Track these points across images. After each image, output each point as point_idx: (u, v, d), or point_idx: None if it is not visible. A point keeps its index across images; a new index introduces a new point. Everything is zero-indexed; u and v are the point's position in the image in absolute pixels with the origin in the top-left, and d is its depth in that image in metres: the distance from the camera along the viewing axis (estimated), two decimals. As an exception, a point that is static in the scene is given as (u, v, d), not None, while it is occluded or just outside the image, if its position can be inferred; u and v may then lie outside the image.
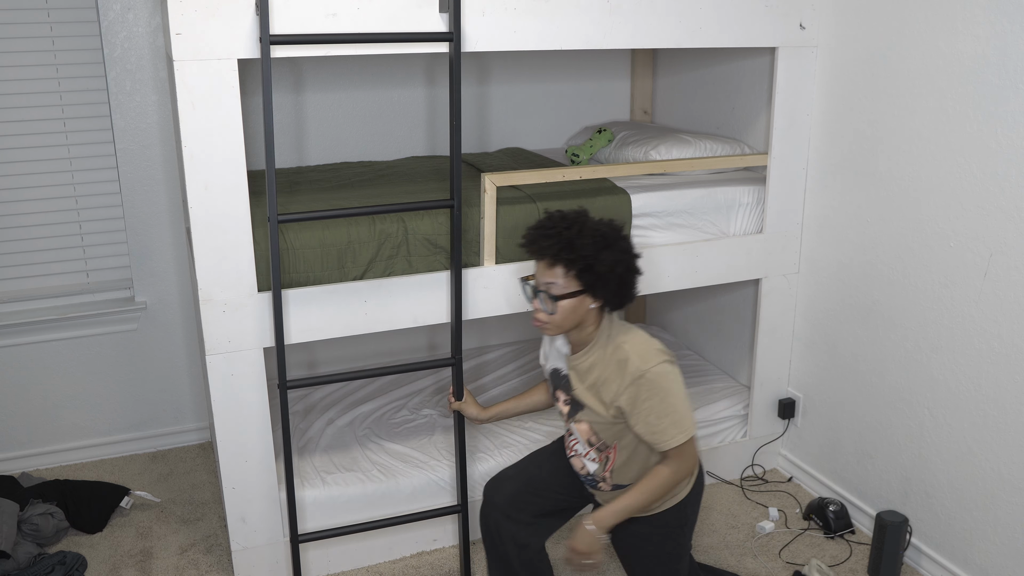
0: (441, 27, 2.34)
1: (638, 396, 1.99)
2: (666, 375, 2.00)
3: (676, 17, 2.62)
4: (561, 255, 1.99)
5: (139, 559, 2.81)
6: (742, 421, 3.27)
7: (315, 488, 2.72)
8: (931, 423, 2.64)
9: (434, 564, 2.79)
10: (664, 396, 1.99)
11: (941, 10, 2.46)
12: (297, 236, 2.42)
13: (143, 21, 3.14)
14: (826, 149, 2.94)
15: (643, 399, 1.99)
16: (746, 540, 2.90)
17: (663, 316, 4.04)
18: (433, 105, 3.63)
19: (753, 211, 3.02)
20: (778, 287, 3.12)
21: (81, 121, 3.18)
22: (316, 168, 3.24)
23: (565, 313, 2.03)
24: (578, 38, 2.53)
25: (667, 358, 2.02)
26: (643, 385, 1.99)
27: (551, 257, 2.01)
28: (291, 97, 3.42)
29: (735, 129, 3.37)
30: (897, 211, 2.69)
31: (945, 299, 2.55)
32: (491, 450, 2.96)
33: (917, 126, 2.58)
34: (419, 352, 3.87)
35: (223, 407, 2.45)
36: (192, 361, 3.51)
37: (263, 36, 2.14)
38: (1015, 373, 2.36)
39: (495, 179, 2.57)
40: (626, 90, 3.95)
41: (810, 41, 2.88)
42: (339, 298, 2.48)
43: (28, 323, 3.21)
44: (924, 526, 2.71)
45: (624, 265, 2.04)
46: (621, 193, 2.81)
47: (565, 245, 1.99)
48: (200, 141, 2.22)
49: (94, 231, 3.29)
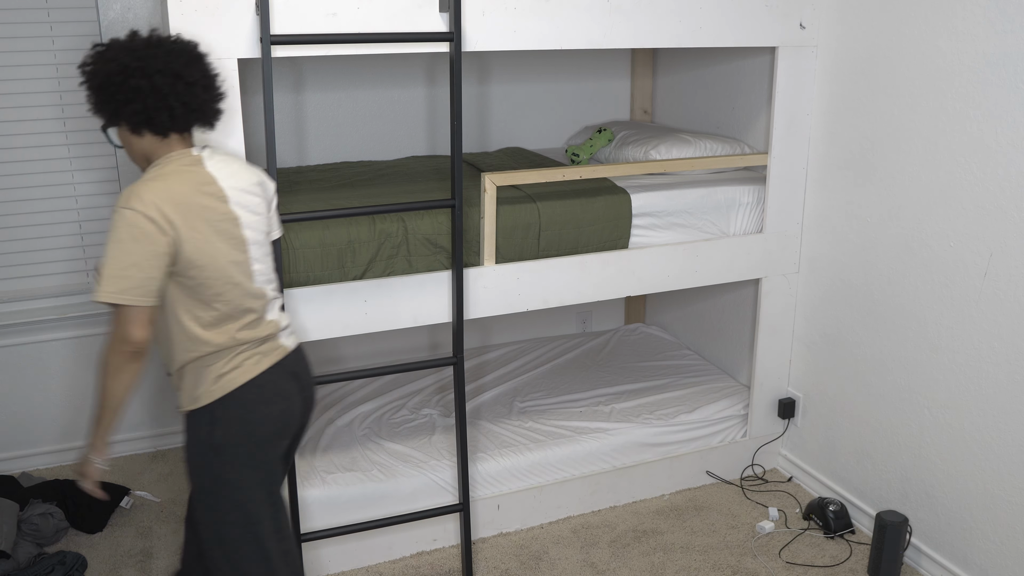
0: (441, 27, 2.34)
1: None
2: (123, 221, 1.71)
3: (677, 17, 2.63)
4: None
5: (139, 559, 2.81)
6: (742, 421, 3.27)
7: (315, 488, 2.72)
8: (931, 423, 2.64)
9: (434, 564, 2.79)
10: (111, 241, 1.72)
11: (941, 10, 2.46)
12: (297, 236, 2.42)
13: (143, 21, 3.14)
14: (826, 149, 2.94)
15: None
16: (746, 540, 2.90)
17: (663, 316, 4.04)
18: (433, 105, 3.63)
19: (753, 211, 3.02)
20: (778, 287, 3.12)
21: (81, 121, 3.18)
22: (316, 168, 3.24)
23: (127, 147, 1.85)
24: (578, 38, 2.53)
25: (141, 208, 1.71)
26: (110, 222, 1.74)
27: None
28: (291, 97, 3.42)
29: (735, 129, 3.37)
30: (897, 211, 2.69)
31: (945, 299, 2.55)
32: (491, 450, 2.96)
33: (917, 126, 2.59)
34: (419, 352, 3.87)
35: (223, 407, 2.44)
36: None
37: (263, 36, 2.14)
38: (1015, 373, 2.36)
39: (495, 179, 2.57)
40: (626, 90, 3.95)
41: (810, 41, 2.88)
42: (339, 298, 2.48)
43: (28, 323, 3.22)
44: (924, 526, 2.71)
45: (102, 75, 1.75)
46: (621, 193, 2.81)
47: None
48: (200, 141, 2.22)
49: (94, 231, 3.29)
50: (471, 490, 2.84)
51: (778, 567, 2.75)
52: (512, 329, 4.03)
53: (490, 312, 2.67)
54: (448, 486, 2.84)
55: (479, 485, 2.88)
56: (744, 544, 2.88)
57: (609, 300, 4.16)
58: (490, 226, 2.60)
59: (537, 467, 2.96)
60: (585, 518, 3.02)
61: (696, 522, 2.99)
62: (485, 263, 2.64)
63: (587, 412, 3.23)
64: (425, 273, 2.56)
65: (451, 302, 2.60)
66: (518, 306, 2.70)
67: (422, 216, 2.54)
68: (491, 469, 2.90)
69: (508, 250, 2.67)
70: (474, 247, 2.63)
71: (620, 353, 3.82)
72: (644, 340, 3.95)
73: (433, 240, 2.55)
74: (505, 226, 2.64)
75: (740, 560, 2.79)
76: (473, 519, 2.86)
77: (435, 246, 2.56)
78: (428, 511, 2.67)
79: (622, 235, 2.82)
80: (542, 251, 2.72)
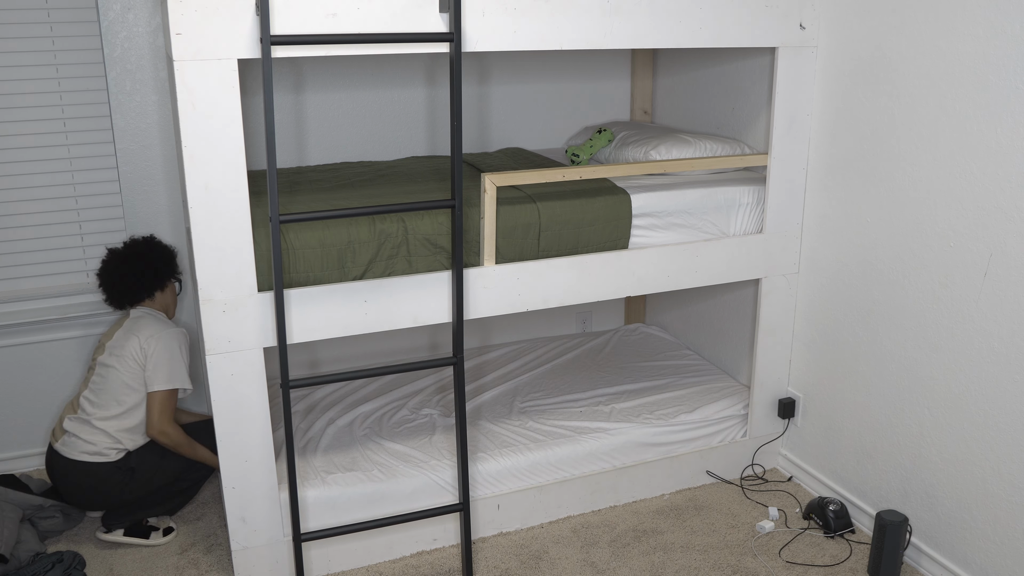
0: (441, 27, 2.34)
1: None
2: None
3: (676, 17, 2.63)
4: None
5: (139, 558, 2.81)
6: (742, 421, 3.27)
7: (316, 488, 2.72)
8: (931, 423, 2.64)
9: (434, 563, 2.79)
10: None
11: (941, 10, 2.46)
12: (297, 236, 2.42)
13: (143, 21, 3.14)
14: (826, 149, 2.94)
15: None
16: (746, 540, 2.90)
17: (663, 316, 4.04)
18: (433, 105, 3.63)
19: (753, 211, 3.02)
20: (778, 287, 3.12)
21: (81, 121, 3.18)
22: (316, 168, 3.24)
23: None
24: (578, 38, 2.53)
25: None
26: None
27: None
28: (291, 97, 3.42)
29: (735, 129, 3.38)
30: (897, 211, 2.69)
31: (945, 299, 2.55)
32: (491, 450, 2.96)
33: (917, 126, 2.59)
34: (420, 352, 3.87)
35: (223, 407, 2.45)
36: (192, 361, 3.51)
37: (264, 36, 2.14)
38: (1015, 373, 2.37)
39: (495, 179, 2.57)
40: (626, 90, 3.95)
41: (810, 41, 2.88)
42: (339, 298, 2.48)
43: (28, 323, 3.22)
44: (924, 526, 2.72)
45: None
46: (621, 193, 2.82)
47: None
48: (200, 141, 2.22)
49: (94, 231, 3.29)
50: (471, 490, 2.84)
51: (778, 567, 2.76)
52: (512, 329, 4.03)
53: (490, 312, 2.67)
54: (448, 486, 2.84)
55: (479, 485, 2.88)
56: (744, 544, 2.88)
57: (609, 300, 4.16)
58: (490, 226, 2.60)
59: (537, 467, 2.96)
60: (585, 518, 3.02)
61: (696, 522, 2.99)
62: (485, 263, 2.64)
63: (587, 412, 3.23)
64: (425, 273, 2.57)
65: (451, 302, 2.60)
66: (518, 306, 2.71)
67: (422, 216, 2.54)
68: (491, 469, 2.90)
69: (508, 250, 2.67)
70: (474, 247, 2.63)
71: (620, 353, 3.82)
72: (644, 340, 3.95)
73: (433, 240, 2.55)
74: (505, 226, 2.64)
75: (740, 560, 2.79)
76: (473, 519, 2.87)
77: (435, 246, 2.56)
78: (428, 511, 2.67)
79: (622, 235, 2.82)
80: (542, 251, 2.72)
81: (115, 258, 2.87)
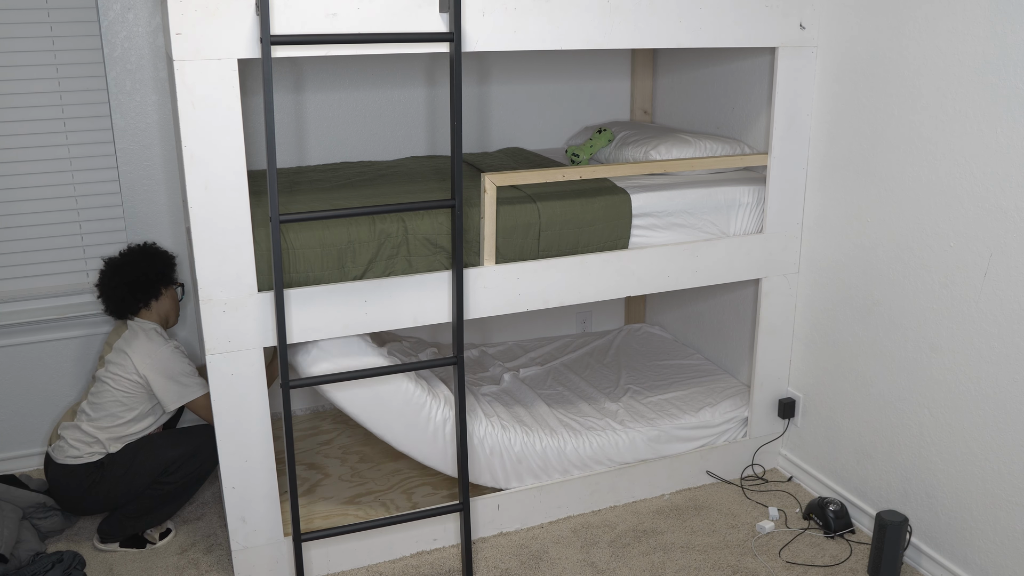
0: (441, 27, 2.34)
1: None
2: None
3: (677, 17, 2.63)
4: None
5: (139, 558, 2.81)
6: (742, 421, 3.27)
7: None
8: (931, 423, 2.64)
9: (434, 563, 2.79)
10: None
11: (941, 10, 2.46)
12: (297, 236, 2.42)
13: (143, 21, 3.14)
14: (826, 149, 2.94)
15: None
16: (746, 540, 2.90)
17: (663, 316, 4.04)
18: (433, 105, 3.63)
19: (753, 211, 3.02)
20: (778, 287, 3.12)
21: (81, 121, 3.18)
22: (316, 168, 3.24)
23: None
24: (578, 38, 2.53)
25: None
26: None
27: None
28: (291, 97, 3.43)
29: (735, 129, 3.38)
30: (897, 211, 2.69)
31: (945, 299, 2.55)
32: (491, 450, 2.96)
33: (917, 126, 2.59)
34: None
35: (223, 407, 2.45)
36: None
37: (263, 36, 2.14)
38: (1015, 373, 2.37)
39: (495, 179, 2.57)
40: (626, 90, 3.95)
41: (810, 41, 2.88)
42: (339, 298, 2.48)
43: (28, 323, 3.22)
44: (924, 526, 2.71)
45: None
46: (621, 193, 2.82)
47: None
48: (200, 141, 2.22)
49: (94, 231, 3.29)
50: (471, 490, 2.84)
51: (778, 567, 2.76)
52: (512, 329, 4.03)
53: (490, 312, 2.67)
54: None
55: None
56: (744, 544, 2.88)
57: (609, 300, 4.16)
58: (490, 226, 2.60)
59: (537, 467, 2.96)
60: (585, 518, 3.02)
61: (696, 522, 2.99)
62: (485, 263, 2.64)
63: (589, 412, 3.23)
64: (425, 273, 2.57)
65: (451, 302, 2.60)
66: (518, 306, 2.70)
67: (422, 216, 2.54)
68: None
69: (508, 250, 2.67)
70: (474, 247, 2.63)
71: (623, 353, 3.82)
72: (648, 340, 3.95)
73: (433, 240, 2.55)
74: (505, 226, 2.64)
75: (740, 560, 2.79)
76: (473, 519, 2.87)
77: (435, 246, 2.56)
78: (428, 510, 2.67)
79: (622, 235, 2.82)
80: (542, 251, 2.72)
81: (109, 269, 2.87)
